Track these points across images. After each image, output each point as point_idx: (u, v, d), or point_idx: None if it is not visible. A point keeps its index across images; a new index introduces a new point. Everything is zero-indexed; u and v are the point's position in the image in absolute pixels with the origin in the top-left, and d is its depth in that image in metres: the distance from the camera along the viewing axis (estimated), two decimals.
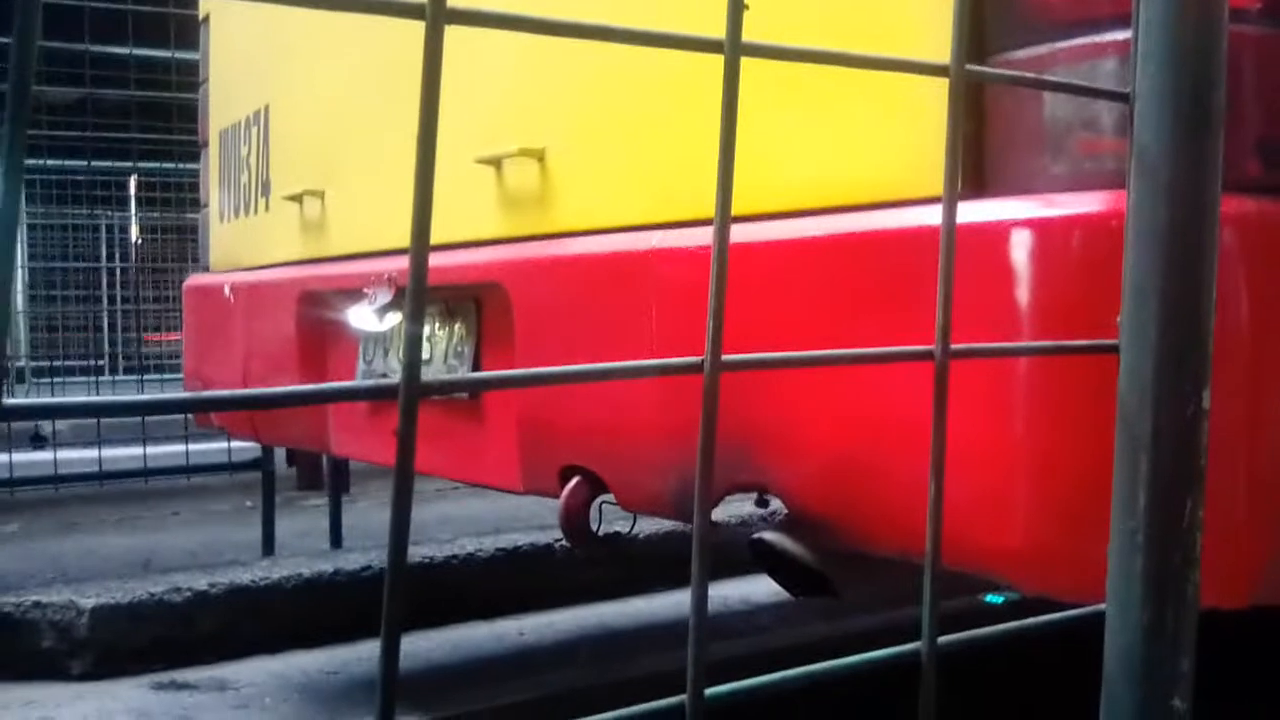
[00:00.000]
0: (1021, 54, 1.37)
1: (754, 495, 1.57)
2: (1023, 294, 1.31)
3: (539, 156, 1.93)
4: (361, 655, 3.11)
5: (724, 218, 0.48)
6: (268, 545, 3.61)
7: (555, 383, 0.48)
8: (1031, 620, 0.61)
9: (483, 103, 2.01)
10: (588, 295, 1.78)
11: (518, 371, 0.49)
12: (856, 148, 1.48)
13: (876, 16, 1.46)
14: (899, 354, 0.60)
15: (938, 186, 1.41)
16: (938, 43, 1.31)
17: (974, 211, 1.36)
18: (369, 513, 4.27)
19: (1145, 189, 0.63)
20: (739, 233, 1.54)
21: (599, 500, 1.78)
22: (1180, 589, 0.61)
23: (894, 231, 1.40)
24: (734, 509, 1.75)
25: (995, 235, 1.33)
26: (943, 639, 0.57)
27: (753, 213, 1.55)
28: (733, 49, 0.51)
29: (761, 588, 3.56)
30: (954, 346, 0.57)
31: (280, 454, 4.24)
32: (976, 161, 1.40)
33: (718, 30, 0.51)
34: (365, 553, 3.51)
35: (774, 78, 1.45)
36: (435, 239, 1.80)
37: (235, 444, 4.11)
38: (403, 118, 2.19)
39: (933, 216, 1.39)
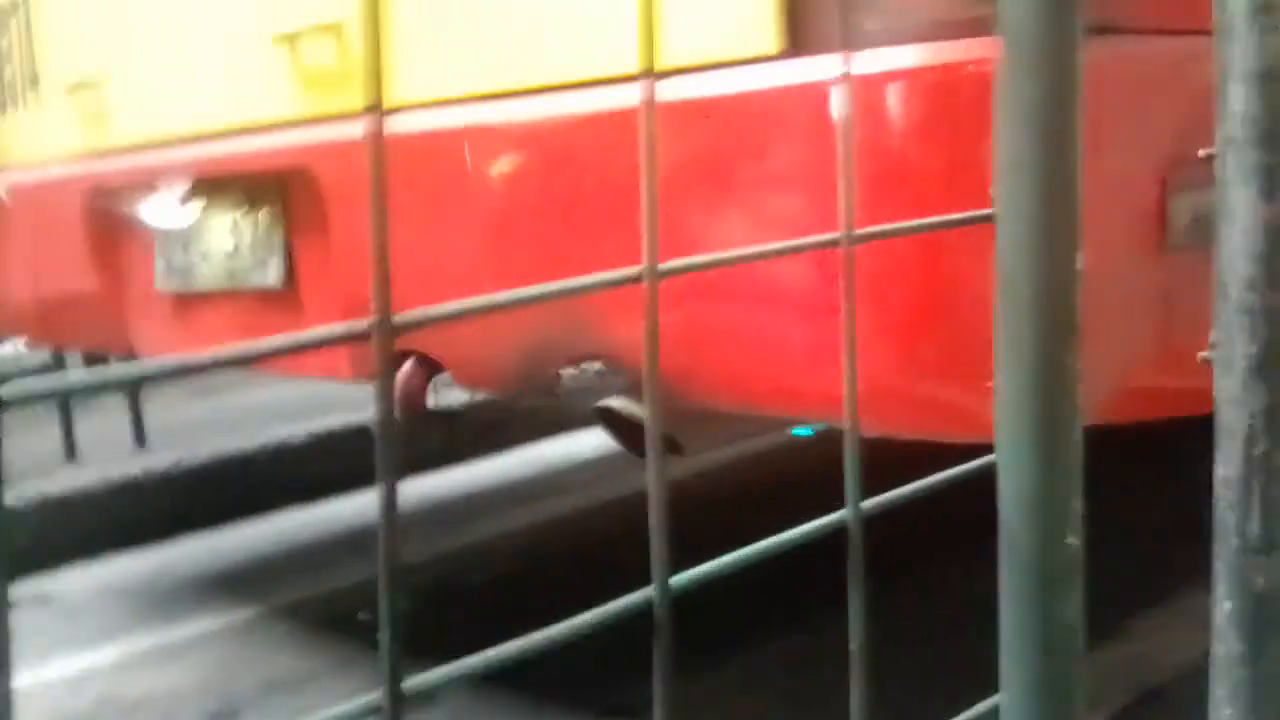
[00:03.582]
0: None
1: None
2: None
3: (337, 32, 1.87)
4: (181, 554, 3.06)
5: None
6: (69, 449, 3.48)
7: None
8: (938, 476, 0.66)
9: None
10: (406, 174, 1.75)
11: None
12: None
13: None
14: (806, 245, 0.63)
15: (747, 49, 1.44)
16: None
17: (790, 72, 1.39)
18: (169, 408, 4.15)
19: (1013, 65, 0.66)
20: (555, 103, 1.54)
21: (435, 380, 1.79)
22: (1068, 435, 0.66)
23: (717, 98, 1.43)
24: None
25: (813, 95, 1.36)
26: (865, 504, 0.61)
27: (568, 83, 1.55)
28: None
29: (585, 444, 3.64)
30: (858, 232, 0.60)
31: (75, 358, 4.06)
32: (793, 19, 1.42)
33: None
34: (172, 450, 3.43)
35: None
36: (233, 124, 1.73)
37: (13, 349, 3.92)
38: None
39: (747, 81, 1.42)
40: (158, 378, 0.41)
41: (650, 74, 0.52)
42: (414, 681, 0.45)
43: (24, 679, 2.32)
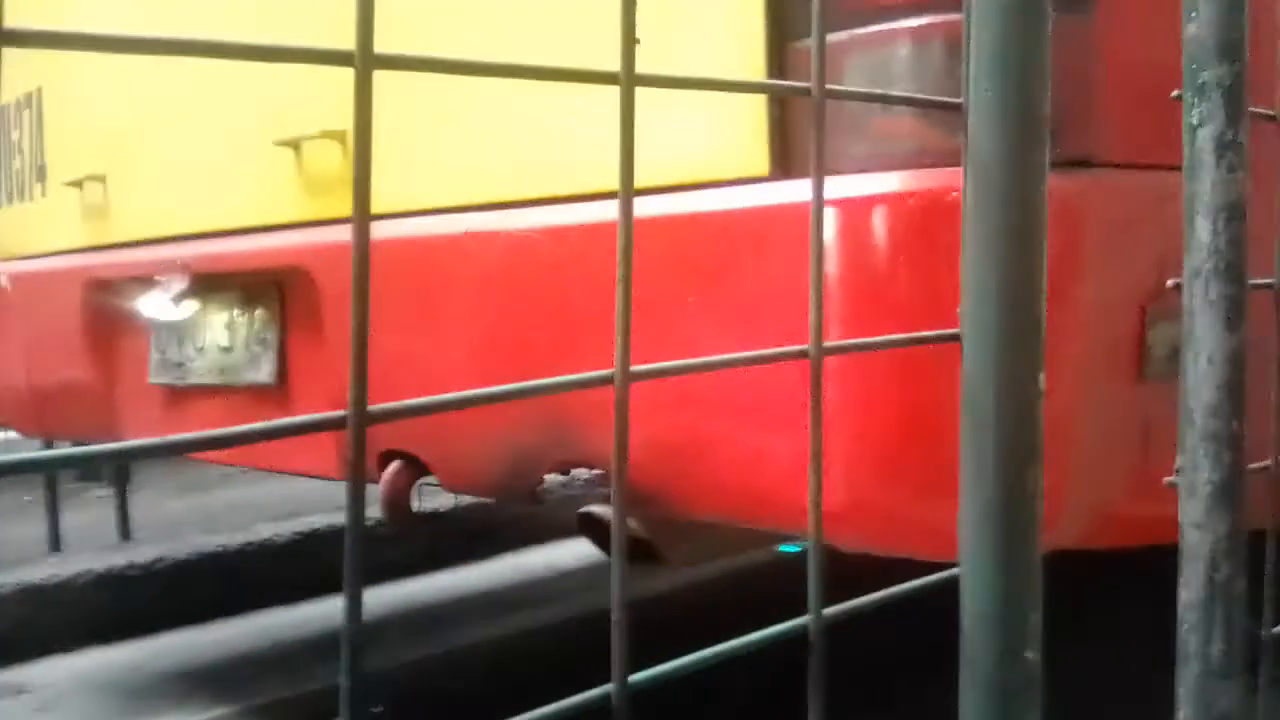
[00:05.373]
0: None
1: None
2: (827, 270, 1.38)
3: (341, 139, 1.91)
4: (160, 649, 3.04)
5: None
6: (54, 541, 3.47)
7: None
8: (902, 587, 0.67)
9: (281, 84, 1.98)
10: (400, 279, 1.78)
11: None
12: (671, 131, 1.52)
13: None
14: (774, 356, 0.65)
15: (739, 170, 1.47)
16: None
17: (776, 194, 1.43)
18: (155, 503, 4.15)
19: (981, 194, 0.69)
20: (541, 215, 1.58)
21: (420, 482, 1.80)
22: (1027, 552, 0.68)
23: (700, 214, 1.46)
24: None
25: (795, 216, 1.40)
26: (828, 610, 0.62)
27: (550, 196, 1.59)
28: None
29: (566, 553, 3.63)
30: (826, 344, 0.63)
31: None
32: (782, 144, 1.46)
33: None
34: (156, 544, 3.42)
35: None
36: (232, 223, 1.76)
37: (4, 437, 3.93)
38: (194, 101, 2.14)
39: (734, 199, 1.46)
40: (134, 456, 0.42)
41: (628, 193, 0.55)
42: None
43: None
